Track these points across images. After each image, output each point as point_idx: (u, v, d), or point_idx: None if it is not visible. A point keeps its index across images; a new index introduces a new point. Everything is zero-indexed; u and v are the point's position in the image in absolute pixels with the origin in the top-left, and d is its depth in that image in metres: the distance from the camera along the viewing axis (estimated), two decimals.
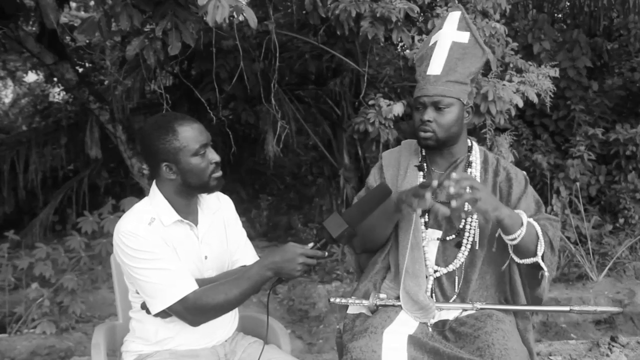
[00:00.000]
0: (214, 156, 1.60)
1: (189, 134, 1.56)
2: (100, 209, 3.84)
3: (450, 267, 1.72)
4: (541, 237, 1.62)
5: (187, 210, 1.66)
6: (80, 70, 6.10)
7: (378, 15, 3.64)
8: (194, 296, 1.53)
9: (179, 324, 1.60)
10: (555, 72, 4.06)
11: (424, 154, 1.83)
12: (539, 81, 3.94)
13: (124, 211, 3.61)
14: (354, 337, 1.59)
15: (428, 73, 1.73)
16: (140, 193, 4.86)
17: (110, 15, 3.47)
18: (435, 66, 1.72)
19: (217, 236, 1.73)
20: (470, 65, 1.73)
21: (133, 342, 1.69)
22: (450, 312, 1.69)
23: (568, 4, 6.46)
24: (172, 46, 3.30)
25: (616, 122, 5.85)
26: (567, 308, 1.69)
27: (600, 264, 4.67)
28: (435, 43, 1.78)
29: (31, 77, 8.72)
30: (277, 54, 4.27)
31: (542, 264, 1.62)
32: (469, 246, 1.72)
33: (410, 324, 1.63)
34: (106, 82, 6.16)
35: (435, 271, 1.73)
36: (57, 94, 7.96)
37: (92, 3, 6.94)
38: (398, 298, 1.71)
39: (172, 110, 4.28)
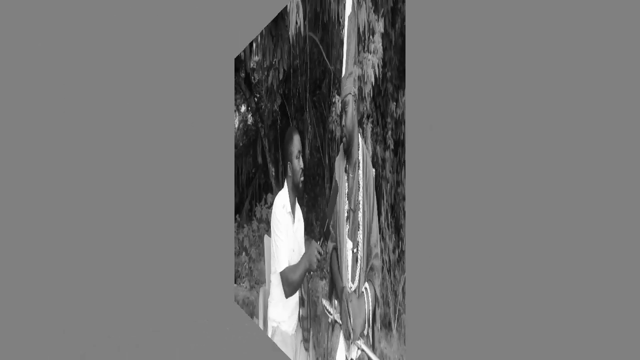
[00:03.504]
0: (300, 163, 1.96)
1: (296, 142, 1.95)
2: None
3: None
4: None
5: (293, 207, 2.02)
6: None
7: None
8: (287, 270, 1.89)
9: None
10: None
11: None
12: None
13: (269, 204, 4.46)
14: None
15: None
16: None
17: None
18: None
19: (299, 236, 2.10)
20: None
21: (275, 308, 2.02)
22: None
23: None
24: None
25: None
26: None
27: None
28: None
29: None
30: None
31: None
32: None
33: None
34: None
35: None
36: None
37: None
38: None
39: None
